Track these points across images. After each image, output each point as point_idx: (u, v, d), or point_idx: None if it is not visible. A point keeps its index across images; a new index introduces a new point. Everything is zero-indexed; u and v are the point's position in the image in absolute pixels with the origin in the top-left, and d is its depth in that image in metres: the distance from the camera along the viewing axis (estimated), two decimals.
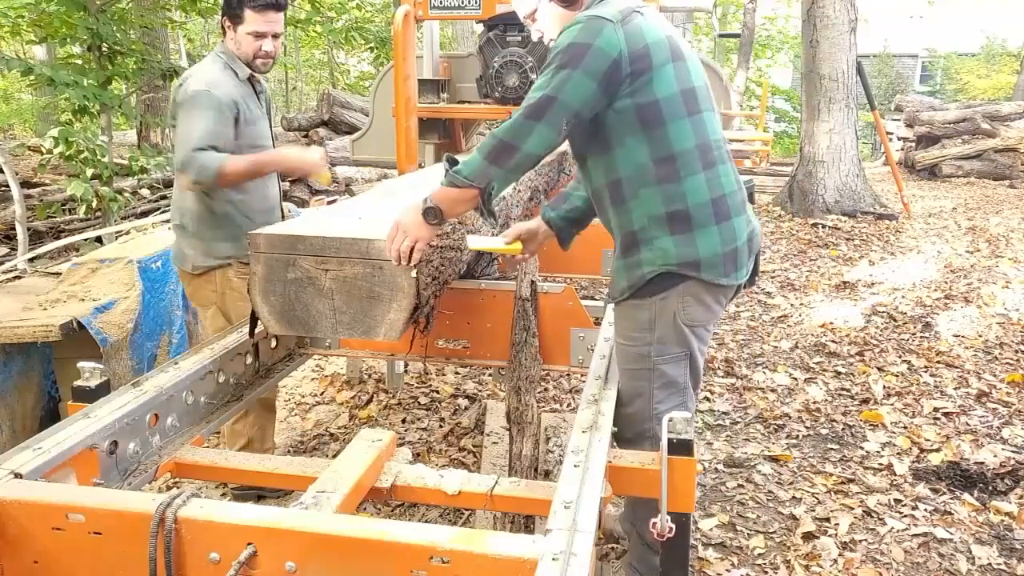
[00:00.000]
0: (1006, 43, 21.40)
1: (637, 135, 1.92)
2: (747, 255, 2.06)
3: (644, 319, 2.03)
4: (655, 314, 2.01)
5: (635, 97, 1.88)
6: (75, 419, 1.74)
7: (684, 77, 1.94)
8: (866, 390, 4.06)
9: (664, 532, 1.71)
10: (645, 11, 1.93)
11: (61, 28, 6.39)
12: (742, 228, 2.03)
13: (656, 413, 2.03)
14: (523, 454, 2.21)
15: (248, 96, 2.82)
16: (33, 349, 3.31)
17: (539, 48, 3.73)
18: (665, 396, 2.06)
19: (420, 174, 3.36)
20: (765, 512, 2.97)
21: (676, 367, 2.06)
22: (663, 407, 2.04)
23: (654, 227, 1.97)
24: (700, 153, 1.95)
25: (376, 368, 4.38)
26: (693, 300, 2.00)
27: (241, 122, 2.76)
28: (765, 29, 22.09)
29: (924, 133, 12.97)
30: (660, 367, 2.05)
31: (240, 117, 2.75)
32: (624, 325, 2.10)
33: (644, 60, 1.86)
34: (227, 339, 2.32)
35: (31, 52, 13.33)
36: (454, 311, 2.54)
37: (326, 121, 9.97)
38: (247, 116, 2.79)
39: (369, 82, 15.55)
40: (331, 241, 1.91)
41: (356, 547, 1.33)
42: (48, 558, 1.44)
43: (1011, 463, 3.26)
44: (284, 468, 1.93)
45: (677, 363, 2.06)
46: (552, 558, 1.26)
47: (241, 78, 2.79)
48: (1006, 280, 5.91)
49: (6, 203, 7.10)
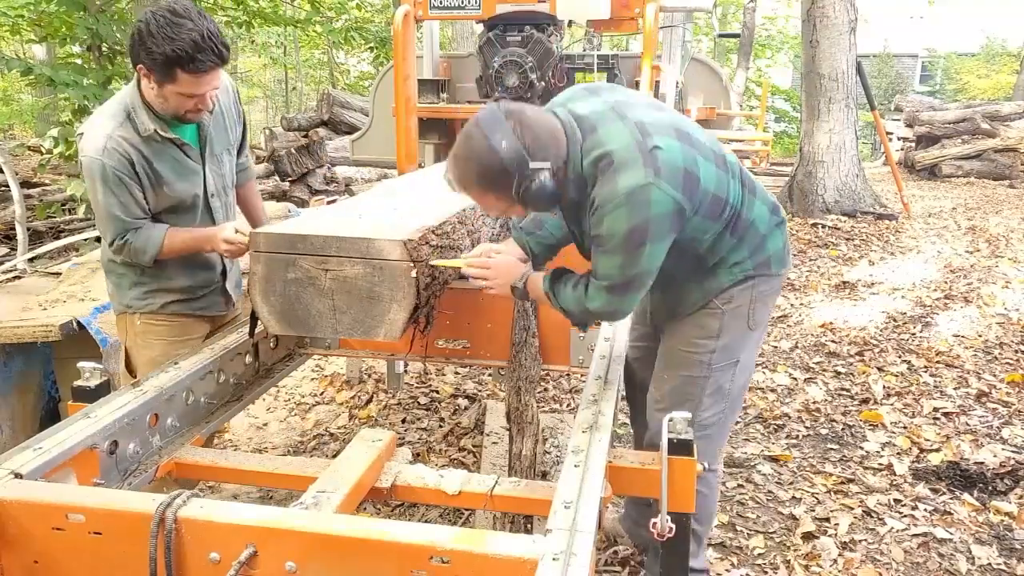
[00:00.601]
0: (1006, 43, 21.41)
1: (714, 226, 1.97)
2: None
3: (714, 327, 2.07)
4: (726, 322, 2.07)
5: (700, 210, 1.90)
6: (75, 419, 1.74)
7: (704, 149, 1.92)
8: (866, 390, 4.06)
9: (664, 532, 1.71)
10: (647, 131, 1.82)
11: (61, 28, 6.39)
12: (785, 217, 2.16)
13: (699, 420, 2.05)
14: (523, 454, 2.21)
15: (161, 153, 2.27)
16: (33, 349, 3.30)
17: (539, 48, 3.73)
18: (712, 403, 2.12)
19: (420, 174, 3.35)
20: (765, 512, 2.97)
21: (726, 373, 2.12)
22: (708, 414, 2.12)
23: (737, 264, 2.05)
24: (746, 187, 2.03)
25: (376, 368, 4.38)
26: (760, 303, 2.10)
27: (153, 185, 2.28)
28: (765, 29, 22.08)
29: (924, 133, 12.97)
30: (715, 374, 2.11)
31: (148, 182, 2.27)
32: (689, 332, 2.11)
33: (692, 181, 1.85)
34: (227, 339, 2.32)
35: (31, 52, 13.32)
36: (454, 311, 2.53)
37: (326, 121, 9.96)
38: (162, 177, 2.28)
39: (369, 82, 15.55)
40: (331, 240, 1.91)
41: (356, 547, 1.33)
42: (48, 558, 1.44)
43: (1011, 463, 3.26)
44: (284, 468, 1.93)
45: (729, 369, 2.12)
46: (552, 558, 1.26)
47: (143, 134, 2.23)
48: (1006, 280, 5.91)
49: (6, 203, 7.10)
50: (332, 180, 8.88)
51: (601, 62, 3.83)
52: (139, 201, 2.27)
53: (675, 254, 1.92)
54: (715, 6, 5.27)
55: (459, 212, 2.30)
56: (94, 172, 2.20)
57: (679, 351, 2.14)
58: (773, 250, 2.08)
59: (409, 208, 2.34)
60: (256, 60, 20.96)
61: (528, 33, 3.73)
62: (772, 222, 2.08)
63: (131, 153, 2.21)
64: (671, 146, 1.83)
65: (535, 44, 3.73)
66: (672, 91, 4.02)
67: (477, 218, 2.46)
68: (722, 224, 1.97)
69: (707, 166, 1.90)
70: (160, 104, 2.21)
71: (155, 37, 2.05)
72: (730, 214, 1.97)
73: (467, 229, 2.35)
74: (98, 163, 2.18)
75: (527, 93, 3.75)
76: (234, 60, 21.64)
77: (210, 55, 2.09)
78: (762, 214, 2.05)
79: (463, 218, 2.32)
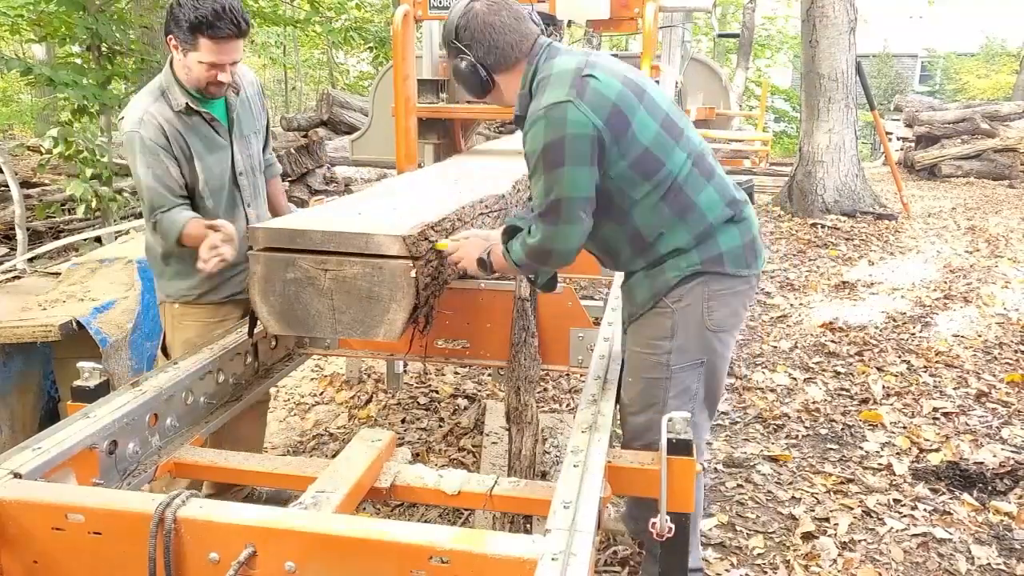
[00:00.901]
0: (1006, 43, 21.41)
1: (643, 184, 1.96)
2: (761, 244, 2.13)
3: (667, 326, 2.05)
4: (678, 321, 2.04)
5: (627, 156, 1.91)
6: (75, 419, 1.74)
7: (655, 109, 1.97)
8: (865, 390, 4.06)
9: (664, 532, 1.71)
10: (595, 67, 1.92)
11: (60, 28, 6.39)
12: (754, 218, 2.12)
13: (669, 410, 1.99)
14: (522, 454, 2.21)
15: (193, 127, 2.44)
16: (33, 349, 3.30)
17: None
18: (678, 405, 2.03)
19: (419, 173, 3.35)
20: (765, 512, 2.97)
21: (691, 374, 2.08)
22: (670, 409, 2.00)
23: (681, 251, 2.02)
24: (699, 168, 2.02)
25: (375, 368, 4.38)
26: (717, 303, 2.04)
27: (188, 159, 2.44)
28: (764, 29, 22.08)
29: (923, 133, 12.97)
30: (677, 375, 2.06)
31: (182, 154, 2.42)
32: (644, 333, 2.09)
33: (620, 120, 1.89)
34: (227, 339, 2.32)
35: (30, 52, 13.32)
36: (454, 311, 2.54)
37: (325, 121, 9.96)
38: (195, 150, 2.44)
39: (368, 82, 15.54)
40: (331, 235, 1.91)
41: (356, 547, 1.33)
42: (48, 558, 1.44)
43: (1010, 463, 3.26)
44: (284, 468, 1.93)
45: (693, 370, 2.08)
46: (552, 558, 1.26)
47: (176, 109, 2.40)
48: (1005, 280, 5.92)
49: (6, 203, 7.10)
50: (332, 180, 8.87)
51: None
52: (174, 176, 2.41)
53: (611, 217, 1.98)
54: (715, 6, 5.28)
55: (458, 209, 2.30)
56: (133, 144, 2.37)
57: (638, 354, 2.12)
58: (727, 247, 2.02)
59: (409, 206, 2.34)
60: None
61: None
62: (723, 214, 2.03)
63: (165, 126, 2.38)
64: (609, 83, 1.90)
65: None
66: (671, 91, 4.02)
67: (476, 217, 2.47)
68: (655, 188, 1.95)
69: (648, 121, 1.93)
70: (186, 75, 2.37)
71: (183, 7, 2.26)
72: (666, 179, 1.95)
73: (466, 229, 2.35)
74: (136, 135, 2.35)
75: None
76: None
77: (229, 24, 2.26)
78: (712, 201, 2.01)
79: (462, 215, 2.32)
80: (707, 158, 2.07)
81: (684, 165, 1.98)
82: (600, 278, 3.80)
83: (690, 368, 2.07)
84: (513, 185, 2.91)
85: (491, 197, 2.63)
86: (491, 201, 2.62)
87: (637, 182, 1.94)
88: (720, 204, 2.03)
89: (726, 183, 2.08)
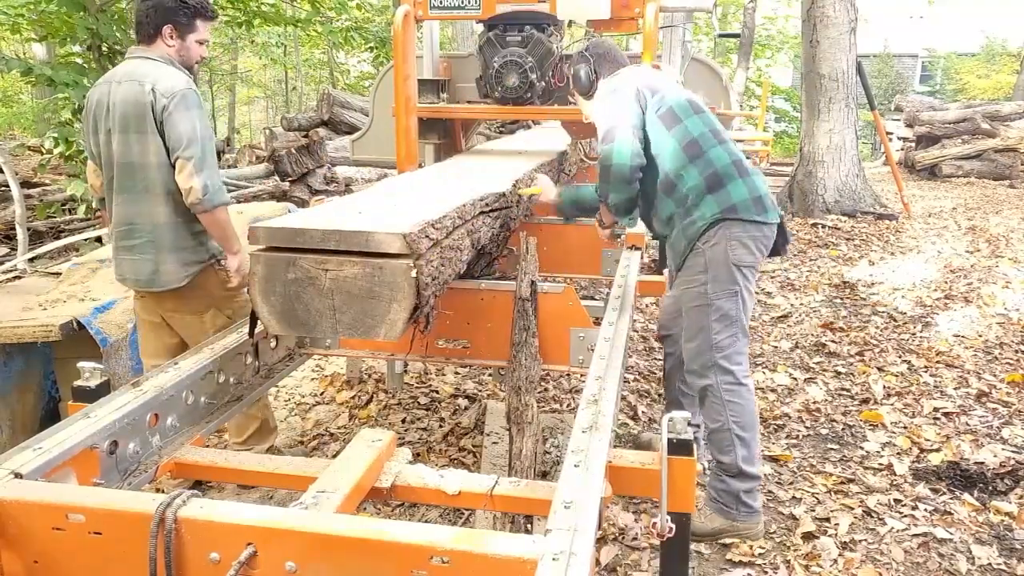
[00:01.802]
0: (1006, 43, 21.40)
1: (666, 134, 2.62)
2: (772, 203, 2.63)
3: (701, 263, 2.58)
4: (709, 258, 2.57)
5: (658, 110, 2.63)
6: (75, 419, 1.74)
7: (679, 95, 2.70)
8: (866, 390, 4.06)
9: (664, 532, 1.71)
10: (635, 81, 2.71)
11: (61, 27, 6.39)
12: (761, 182, 2.63)
13: (715, 343, 2.57)
14: (523, 454, 2.21)
15: None
16: (33, 349, 3.30)
17: (539, 48, 3.72)
18: (722, 327, 2.57)
19: (420, 173, 3.35)
20: (765, 512, 2.96)
21: (729, 301, 2.57)
22: (720, 337, 2.57)
23: (696, 194, 2.58)
24: (712, 134, 2.64)
25: (376, 368, 4.38)
26: (738, 243, 2.55)
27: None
28: (765, 29, 22.06)
29: (924, 133, 12.97)
30: (716, 302, 2.57)
31: None
32: (687, 274, 2.65)
33: (652, 87, 2.68)
34: (227, 339, 2.32)
35: (31, 52, 13.32)
36: (454, 311, 2.53)
37: (326, 121, 9.96)
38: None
39: (369, 82, 15.55)
40: (331, 233, 1.91)
41: (356, 547, 1.33)
42: (48, 558, 1.44)
43: (1011, 463, 3.26)
44: (284, 468, 1.93)
45: (730, 298, 2.57)
46: (552, 558, 1.25)
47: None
48: (1006, 280, 5.91)
49: (6, 203, 7.10)
50: (332, 180, 8.86)
51: None
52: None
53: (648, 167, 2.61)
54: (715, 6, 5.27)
55: (459, 208, 2.30)
56: (189, 100, 2.66)
57: (685, 290, 2.66)
58: (738, 199, 2.55)
59: (409, 205, 2.34)
60: (256, 60, 20.96)
61: (528, 33, 3.72)
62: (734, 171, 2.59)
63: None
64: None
65: (535, 44, 3.72)
66: None
67: (477, 215, 2.47)
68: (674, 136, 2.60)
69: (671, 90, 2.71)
70: (182, 56, 2.79)
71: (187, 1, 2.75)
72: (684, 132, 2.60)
73: (467, 228, 2.35)
74: (190, 91, 2.68)
75: (527, 93, 3.75)
76: (233, 60, 21.68)
77: (211, 9, 2.87)
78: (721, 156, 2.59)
79: (463, 214, 2.32)
80: (721, 134, 2.65)
81: (699, 127, 2.61)
82: (600, 278, 3.80)
83: (726, 296, 2.56)
84: (513, 184, 2.92)
85: (492, 196, 2.63)
86: (492, 200, 2.62)
87: (664, 130, 2.61)
88: (726, 159, 2.59)
89: (733, 151, 2.63)
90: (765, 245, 2.63)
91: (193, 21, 2.77)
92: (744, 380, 2.60)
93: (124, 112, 2.65)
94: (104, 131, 2.72)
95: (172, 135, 2.62)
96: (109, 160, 2.74)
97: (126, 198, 2.74)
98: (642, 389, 4.11)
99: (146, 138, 2.65)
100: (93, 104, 2.75)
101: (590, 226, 3.18)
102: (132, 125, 2.66)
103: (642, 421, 3.73)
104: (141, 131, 2.65)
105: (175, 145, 2.62)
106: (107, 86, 2.72)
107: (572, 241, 3.63)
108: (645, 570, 2.62)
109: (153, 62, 2.72)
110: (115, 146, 2.70)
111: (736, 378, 2.57)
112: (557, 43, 3.86)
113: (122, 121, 2.66)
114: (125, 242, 2.77)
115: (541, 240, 2.96)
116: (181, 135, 2.61)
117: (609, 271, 3.56)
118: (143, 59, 2.74)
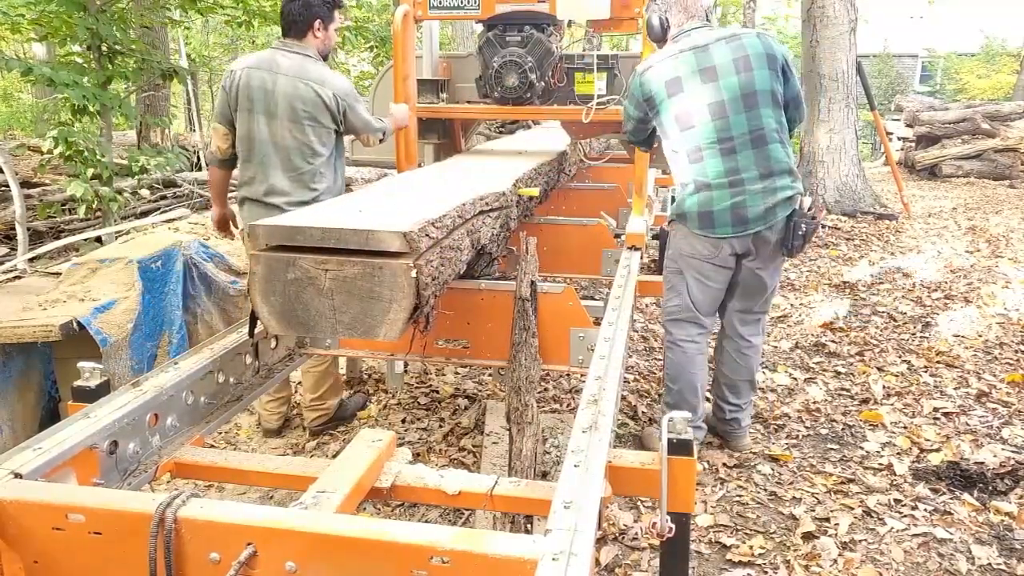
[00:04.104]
0: (1006, 43, 21.41)
1: (665, 137, 3.09)
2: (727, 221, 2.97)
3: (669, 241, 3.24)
4: (670, 239, 3.22)
5: (657, 118, 3.09)
6: (75, 419, 1.74)
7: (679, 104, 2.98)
8: (866, 390, 4.06)
9: (664, 532, 1.71)
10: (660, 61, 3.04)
11: (61, 27, 6.38)
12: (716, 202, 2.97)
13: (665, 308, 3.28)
14: (523, 454, 2.21)
15: None
16: (33, 349, 3.30)
17: (539, 48, 3.72)
18: (669, 295, 3.24)
19: (420, 173, 3.36)
20: (765, 512, 2.97)
21: (675, 277, 3.21)
22: (666, 300, 3.26)
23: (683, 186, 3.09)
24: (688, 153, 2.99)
25: (376, 368, 4.38)
26: (679, 243, 3.15)
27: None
28: (765, 29, 22.07)
29: (924, 133, 12.96)
30: (666, 275, 3.25)
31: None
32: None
33: (651, 101, 3.06)
34: (227, 339, 2.32)
35: (31, 51, 13.31)
36: (454, 311, 2.53)
37: None
38: None
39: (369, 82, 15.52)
40: (331, 232, 1.91)
41: (356, 547, 1.33)
42: (48, 558, 1.44)
43: (1011, 463, 3.26)
44: (284, 468, 1.93)
45: (676, 275, 3.20)
46: (552, 558, 1.25)
47: None
48: (1006, 280, 5.91)
49: (6, 203, 7.09)
50: None
51: (601, 62, 3.82)
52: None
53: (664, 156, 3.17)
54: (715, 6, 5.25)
55: (459, 207, 2.30)
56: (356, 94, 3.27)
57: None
58: (688, 209, 3.03)
59: (409, 204, 2.34)
60: None
61: (528, 33, 3.72)
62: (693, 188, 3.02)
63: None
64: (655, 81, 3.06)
65: (535, 44, 3.72)
66: None
67: (477, 215, 2.47)
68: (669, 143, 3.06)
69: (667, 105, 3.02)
70: (325, 46, 3.29)
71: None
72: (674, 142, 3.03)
73: (467, 228, 2.35)
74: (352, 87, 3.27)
75: (527, 93, 3.75)
76: (234, 60, 21.64)
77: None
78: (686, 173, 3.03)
79: (463, 213, 2.32)
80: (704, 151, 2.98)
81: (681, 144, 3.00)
82: (600, 278, 3.80)
83: (673, 273, 3.20)
84: (513, 183, 2.91)
85: (492, 195, 2.63)
86: (492, 199, 2.62)
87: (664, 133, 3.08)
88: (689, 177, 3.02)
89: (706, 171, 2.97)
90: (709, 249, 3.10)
91: (332, 12, 3.24)
92: (672, 337, 3.25)
93: (291, 105, 3.12)
94: (258, 111, 3.14)
95: (358, 123, 3.27)
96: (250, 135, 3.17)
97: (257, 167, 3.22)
98: (642, 389, 4.11)
99: (303, 127, 3.13)
100: (250, 83, 3.13)
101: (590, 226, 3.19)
102: (300, 116, 3.13)
103: (642, 421, 3.73)
104: (306, 122, 3.13)
105: (363, 128, 3.30)
106: (268, 74, 3.13)
107: (572, 241, 3.64)
108: (645, 570, 2.63)
109: (312, 60, 3.20)
110: (261, 126, 3.14)
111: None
112: (557, 43, 3.85)
113: (288, 111, 3.12)
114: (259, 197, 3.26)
115: (541, 240, 2.96)
116: (367, 121, 3.30)
117: (609, 271, 3.56)
118: (303, 56, 3.19)
